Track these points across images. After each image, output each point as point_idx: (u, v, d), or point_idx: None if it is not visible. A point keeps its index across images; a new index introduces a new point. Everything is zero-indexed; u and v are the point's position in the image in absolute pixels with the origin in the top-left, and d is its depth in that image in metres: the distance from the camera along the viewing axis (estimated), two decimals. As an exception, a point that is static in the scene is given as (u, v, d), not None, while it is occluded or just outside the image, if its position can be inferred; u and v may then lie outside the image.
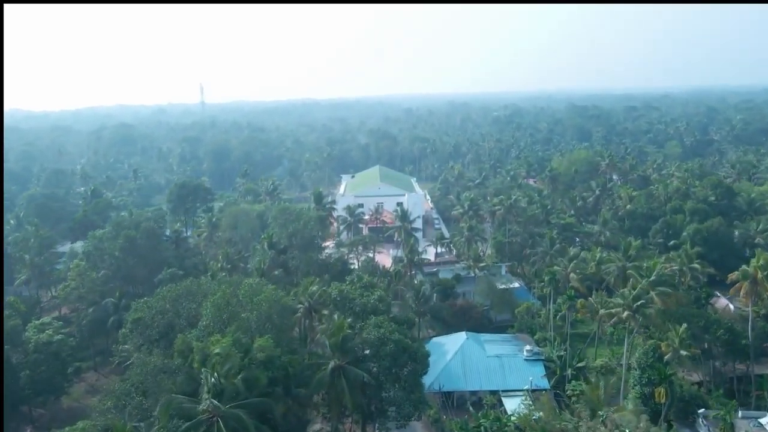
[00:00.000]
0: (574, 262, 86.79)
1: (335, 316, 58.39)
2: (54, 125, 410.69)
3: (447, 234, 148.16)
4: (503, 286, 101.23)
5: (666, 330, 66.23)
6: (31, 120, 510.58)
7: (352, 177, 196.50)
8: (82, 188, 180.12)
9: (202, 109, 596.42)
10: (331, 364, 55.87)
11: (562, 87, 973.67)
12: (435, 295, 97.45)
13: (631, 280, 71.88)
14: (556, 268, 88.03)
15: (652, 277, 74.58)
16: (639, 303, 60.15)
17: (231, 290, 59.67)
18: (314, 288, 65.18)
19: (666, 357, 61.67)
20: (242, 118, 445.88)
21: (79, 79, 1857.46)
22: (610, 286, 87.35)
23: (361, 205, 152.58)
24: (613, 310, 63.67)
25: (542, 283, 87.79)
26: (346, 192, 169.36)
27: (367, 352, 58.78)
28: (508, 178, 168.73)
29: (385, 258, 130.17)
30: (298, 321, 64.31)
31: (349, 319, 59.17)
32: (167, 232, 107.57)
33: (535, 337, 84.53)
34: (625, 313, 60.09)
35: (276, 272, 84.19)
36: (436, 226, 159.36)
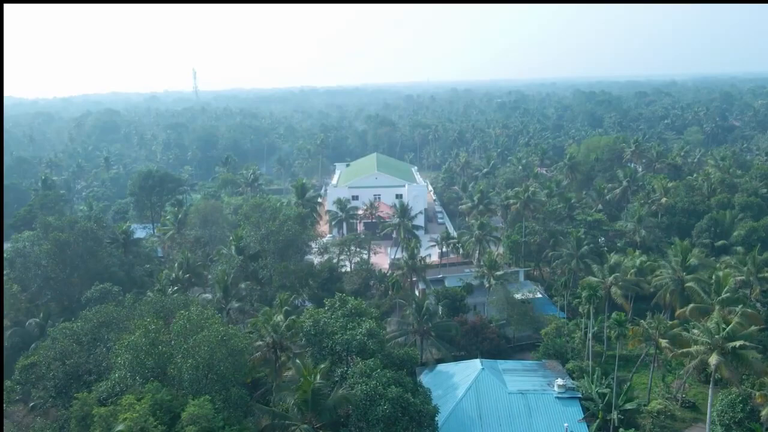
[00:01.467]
0: (616, 273, 69.41)
1: (299, 361, 41.45)
2: (38, 112, 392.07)
3: (452, 231, 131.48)
4: (522, 296, 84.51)
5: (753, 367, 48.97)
6: (21, 107, 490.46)
7: (347, 165, 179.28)
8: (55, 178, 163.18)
9: (195, 96, 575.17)
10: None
11: (563, 75, 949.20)
12: (441, 307, 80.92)
13: (718, 310, 53.70)
14: (592, 279, 70.97)
15: (724, 294, 57.72)
16: (736, 344, 42.68)
17: (160, 324, 42.64)
18: (279, 318, 48.15)
19: (763, 413, 44.75)
20: (236, 105, 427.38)
21: (75, 66, 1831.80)
22: (661, 303, 70.36)
23: (355, 197, 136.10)
24: (692, 350, 46.37)
25: (577, 300, 70.67)
26: (339, 182, 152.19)
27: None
28: (520, 167, 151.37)
29: (382, 259, 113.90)
30: (258, 363, 47.43)
31: (323, 365, 42.35)
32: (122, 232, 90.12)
33: (568, 366, 67.66)
34: (714, 357, 42.93)
35: (243, 285, 67.29)
36: (440, 221, 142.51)
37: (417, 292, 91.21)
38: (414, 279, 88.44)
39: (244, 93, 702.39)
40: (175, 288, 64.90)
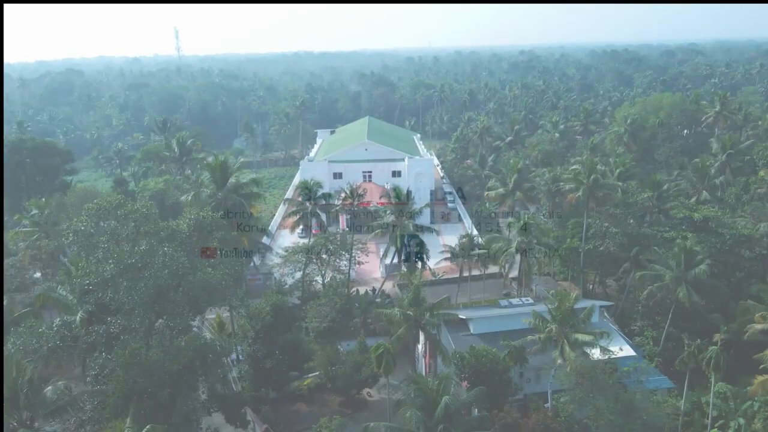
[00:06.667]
0: None
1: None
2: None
3: (467, 221, 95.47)
4: (602, 353, 48.22)
5: None
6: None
7: (332, 133, 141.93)
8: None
9: (178, 59, 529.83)
10: None
11: (568, 41, 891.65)
12: (465, 380, 45.41)
13: None
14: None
15: None
16: None
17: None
18: None
19: None
20: (220, 67, 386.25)
21: (68, 30, 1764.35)
22: None
23: (338, 176, 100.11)
24: None
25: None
26: (318, 155, 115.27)
27: None
28: (557, 134, 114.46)
29: (373, 265, 78.93)
30: None
31: None
32: None
33: None
34: None
35: (50, 388, 31.28)
36: (450, 204, 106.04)
37: (419, 350, 55.42)
38: (422, 323, 52.41)
39: (235, 57, 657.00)
40: None
